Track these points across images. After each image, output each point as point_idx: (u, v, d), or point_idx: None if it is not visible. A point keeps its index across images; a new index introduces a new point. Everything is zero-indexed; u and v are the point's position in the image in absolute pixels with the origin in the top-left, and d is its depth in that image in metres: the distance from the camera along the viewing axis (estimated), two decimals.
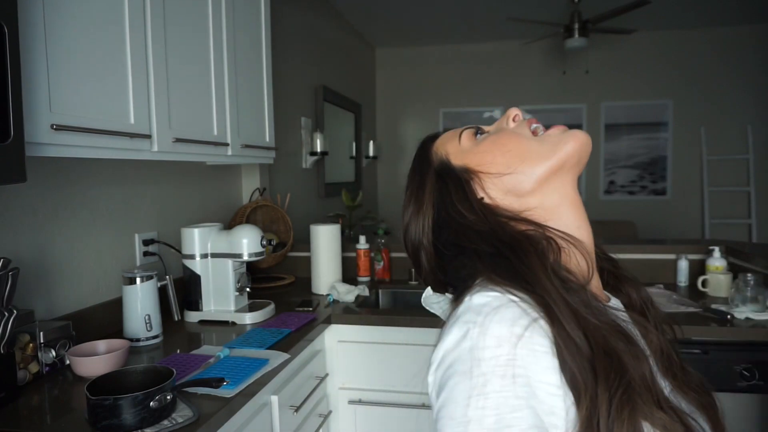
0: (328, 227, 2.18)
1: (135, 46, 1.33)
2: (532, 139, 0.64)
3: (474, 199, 0.64)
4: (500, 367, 0.47)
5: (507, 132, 0.66)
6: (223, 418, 1.11)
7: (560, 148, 0.62)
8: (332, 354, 1.84)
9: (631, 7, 3.63)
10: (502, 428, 0.45)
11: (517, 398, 0.46)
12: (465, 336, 0.49)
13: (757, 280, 1.76)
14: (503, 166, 0.63)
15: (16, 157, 0.93)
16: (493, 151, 0.64)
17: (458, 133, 0.70)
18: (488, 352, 0.47)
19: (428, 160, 0.71)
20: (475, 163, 0.65)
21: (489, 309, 0.50)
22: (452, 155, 0.68)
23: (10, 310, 1.08)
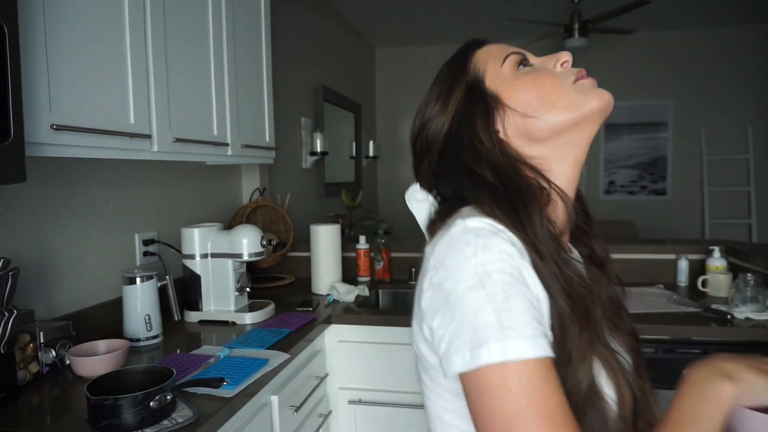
0: (328, 227, 2.18)
1: (135, 46, 1.33)
2: (570, 86, 0.65)
3: (493, 131, 0.66)
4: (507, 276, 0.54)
5: (550, 74, 0.66)
6: (223, 418, 1.11)
7: (589, 100, 0.64)
8: (332, 354, 1.84)
9: (631, 7, 3.63)
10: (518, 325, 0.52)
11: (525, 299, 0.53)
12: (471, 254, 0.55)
13: (757, 280, 1.76)
14: (531, 109, 0.64)
15: (16, 157, 0.93)
16: (529, 89, 0.65)
17: (504, 54, 0.69)
18: (493, 265, 0.54)
19: (465, 67, 0.70)
20: (507, 96, 0.66)
21: (487, 233, 0.56)
22: (489, 76, 0.68)
23: (10, 310, 1.08)
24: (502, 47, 0.71)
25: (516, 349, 0.51)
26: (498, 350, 0.51)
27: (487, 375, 0.51)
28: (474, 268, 0.54)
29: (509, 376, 0.50)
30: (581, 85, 0.65)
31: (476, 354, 0.51)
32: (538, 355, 0.51)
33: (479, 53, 0.71)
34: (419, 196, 0.74)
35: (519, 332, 0.51)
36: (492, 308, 0.52)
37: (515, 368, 0.51)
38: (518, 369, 0.51)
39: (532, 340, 0.51)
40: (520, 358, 0.51)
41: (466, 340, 0.52)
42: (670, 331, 1.65)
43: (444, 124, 0.69)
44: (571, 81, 0.65)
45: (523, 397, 0.50)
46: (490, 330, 0.51)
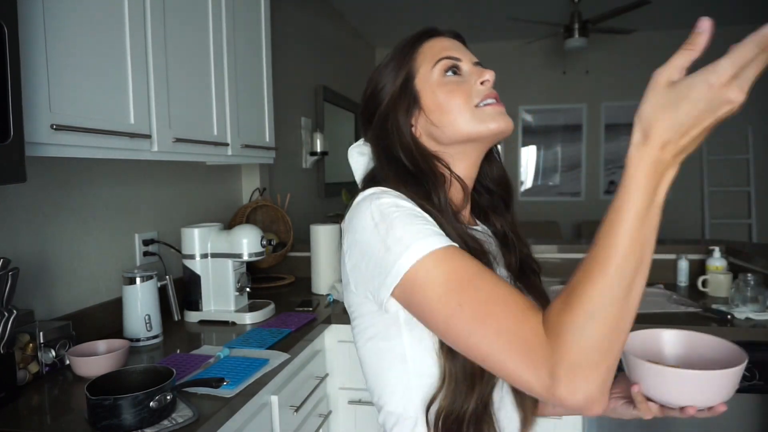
0: (328, 227, 2.18)
1: (135, 46, 1.33)
2: (470, 110, 0.75)
3: (408, 125, 0.78)
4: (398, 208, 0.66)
5: (463, 92, 0.76)
6: (223, 418, 1.11)
7: (484, 126, 0.75)
8: (332, 354, 1.84)
9: (631, 7, 3.63)
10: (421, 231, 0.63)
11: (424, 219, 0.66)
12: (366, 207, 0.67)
13: (757, 280, 1.76)
14: (437, 121, 0.77)
15: (16, 157, 0.93)
16: (443, 103, 0.76)
17: (437, 58, 0.78)
18: (386, 205, 0.66)
19: (411, 56, 0.80)
20: (424, 100, 0.77)
21: (380, 191, 0.69)
22: (420, 75, 0.78)
23: (10, 310, 1.08)
24: (442, 46, 0.79)
25: (420, 247, 0.62)
26: (413, 252, 0.61)
27: (411, 278, 0.62)
28: (368, 216, 0.66)
29: (427, 269, 0.61)
30: (483, 111, 0.75)
31: (396, 270, 0.62)
32: (443, 245, 0.62)
33: (426, 45, 0.80)
34: (364, 150, 0.85)
35: (420, 235, 0.63)
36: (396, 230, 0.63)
37: (430, 260, 0.61)
38: (433, 260, 0.61)
39: (434, 237, 0.63)
40: (429, 251, 0.61)
41: (385, 265, 0.63)
42: None
43: (383, 101, 0.80)
44: (476, 102, 0.75)
45: (445, 278, 0.60)
46: (401, 243, 0.62)
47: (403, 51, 0.81)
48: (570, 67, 5.06)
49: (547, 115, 5.27)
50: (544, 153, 5.35)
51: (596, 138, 5.17)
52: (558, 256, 2.36)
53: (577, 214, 5.19)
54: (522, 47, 4.97)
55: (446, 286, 0.60)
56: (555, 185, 5.32)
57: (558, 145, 5.28)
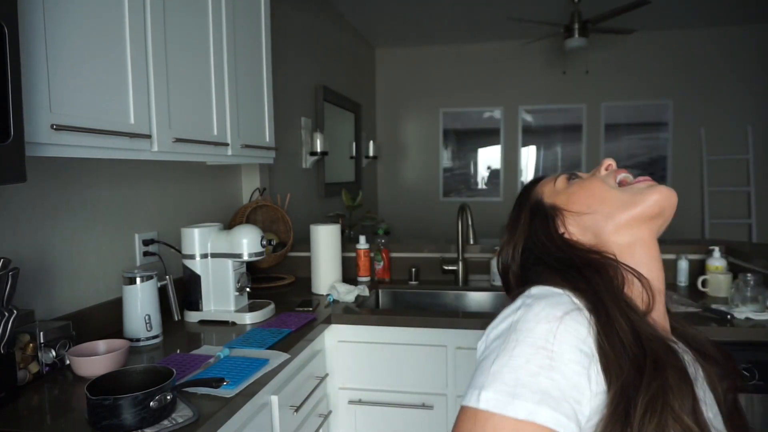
0: (328, 227, 2.18)
1: (135, 46, 1.33)
2: (615, 188, 0.73)
3: (555, 232, 0.75)
4: (531, 338, 0.54)
5: (594, 179, 0.76)
6: (223, 418, 1.11)
7: (641, 199, 0.69)
8: (332, 354, 1.84)
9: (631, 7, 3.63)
10: (517, 386, 0.51)
11: (539, 367, 0.52)
12: (515, 312, 0.58)
13: (757, 280, 1.76)
14: (584, 206, 0.73)
15: (16, 157, 0.93)
16: (579, 192, 0.75)
17: (555, 177, 0.81)
18: (527, 325, 0.55)
19: (528, 198, 0.83)
20: (561, 202, 0.76)
21: (540, 296, 0.58)
22: (546, 195, 0.80)
23: (10, 310, 1.08)
24: (555, 176, 0.83)
25: (507, 405, 0.51)
26: (489, 399, 0.51)
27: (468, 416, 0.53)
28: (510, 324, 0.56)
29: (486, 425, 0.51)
30: (633, 187, 0.72)
31: (467, 393, 0.54)
32: (524, 418, 0.50)
33: (538, 185, 0.83)
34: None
35: (516, 391, 0.51)
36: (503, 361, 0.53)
37: (494, 420, 0.51)
38: (496, 422, 0.50)
39: (523, 403, 0.50)
40: (503, 413, 0.50)
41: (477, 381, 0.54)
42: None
43: (517, 247, 0.79)
44: (613, 183, 0.73)
45: None
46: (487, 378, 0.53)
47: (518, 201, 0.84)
48: (570, 67, 5.05)
49: (547, 115, 5.27)
50: (544, 153, 5.35)
51: (596, 138, 5.17)
52: None
53: None
54: (522, 47, 4.97)
55: None
56: None
57: (558, 145, 5.28)
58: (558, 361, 0.52)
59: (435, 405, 1.77)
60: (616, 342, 0.55)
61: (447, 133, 5.44)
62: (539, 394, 0.50)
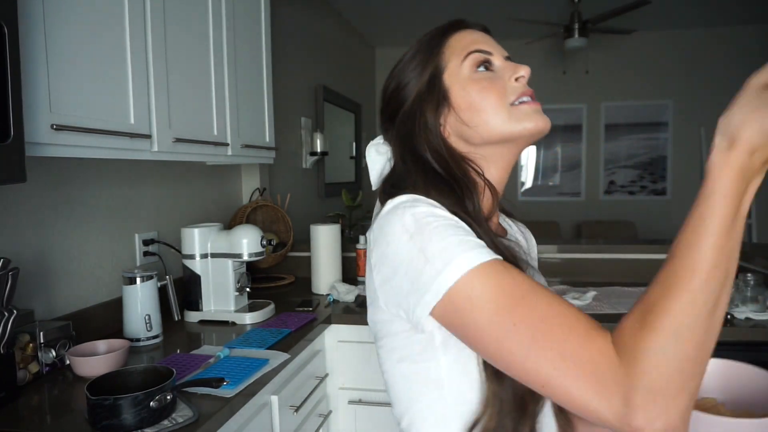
0: (328, 227, 2.18)
1: (135, 46, 1.33)
2: (506, 109, 0.70)
3: (437, 124, 0.73)
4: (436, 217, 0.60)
5: (497, 87, 0.71)
6: (223, 418, 1.11)
7: (521, 125, 0.70)
8: (332, 354, 1.84)
9: (631, 7, 3.63)
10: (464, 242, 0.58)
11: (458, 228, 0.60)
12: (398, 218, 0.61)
13: (757, 280, 1.76)
14: (471, 119, 0.71)
15: (16, 157, 0.93)
16: (475, 98, 0.71)
17: (467, 51, 0.73)
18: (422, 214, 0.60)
19: (438, 49, 0.74)
20: (454, 97, 0.72)
21: (411, 200, 0.63)
22: (449, 69, 0.73)
23: (10, 310, 1.08)
24: (472, 39, 0.74)
25: (465, 261, 0.56)
26: (455, 267, 0.56)
27: (455, 296, 0.56)
28: (401, 227, 0.60)
29: (473, 285, 0.55)
30: (519, 110, 0.70)
31: (436, 286, 0.56)
32: (490, 258, 0.57)
33: (454, 38, 0.75)
34: (382, 149, 0.81)
35: (460, 249, 0.57)
36: (436, 241, 0.58)
37: (477, 275, 0.55)
38: (480, 275, 0.55)
39: (478, 250, 0.57)
40: (475, 264, 0.56)
41: (423, 281, 0.58)
42: None
43: (408, 98, 0.74)
44: (512, 101, 0.70)
45: (495, 295, 0.55)
46: (444, 255, 0.57)
47: (429, 44, 0.75)
48: (570, 67, 5.05)
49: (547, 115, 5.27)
50: (544, 153, 5.35)
51: (596, 138, 5.17)
52: (558, 256, 2.36)
53: (577, 214, 5.19)
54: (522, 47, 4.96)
55: (497, 303, 0.54)
56: (555, 185, 5.32)
57: (558, 145, 5.28)
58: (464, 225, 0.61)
59: None
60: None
61: None
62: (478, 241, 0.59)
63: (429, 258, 0.57)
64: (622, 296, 1.98)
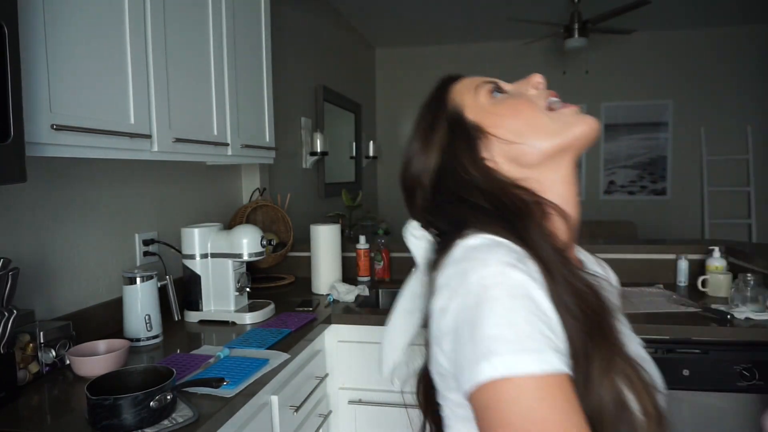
0: (328, 227, 2.18)
1: (135, 47, 1.33)
2: (545, 114, 0.65)
3: (479, 158, 0.66)
4: (507, 289, 0.50)
5: (524, 100, 0.66)
6: (223, 418, 1.11)
7: (570, 129, 0.64)
8: (332, 354, 1.84)
9: (631, 7, 3.63)
10: (522, 339, 0.48)
11: (529, 313, 0.49)
12: (467, 273, 0.52)
13: (757, 280, 1.76)
14: (514, 135, 0.64)
15: (16, 157, 0.93)
16: (508, 117, 0.65)
17: (476, 85, 0.69)
18: (492, 279, 0.51)
19: (443, 103, 0.70)
20: (487, 124, 0.66)
21: (485, 248, 0.54)
22: (467, 108, 0.68)
23: (10, 310, 1.08)
24: (473, 79, 0.71)
25: (517, 363, 0.47)
26: (499, 365, 0.47)
27: (488, 392, 0.48)
28: (474, 286, 0.51)
29: (510, 393, 0.47)
30: (561, 113, 0.65)
31: (475, 371, 0.48)
32: (543, 371, 0.47)
33: (454, 88, 0.71)
34: (417, 233, 0.72)
35: (522, 346, 0.47)
36: (492, 323, 0.49)
37: (517, 384, 0.47)
38: (520, 385, 0.47)
39: (537, 355, 0.47)
40: (522, 374, 0.47)
41: (469, 359, 0.50)
42: (671, 331, 1.65)
43: (430, 161, 0.69)
44: (542, 105, 0.66)
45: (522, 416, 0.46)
46: (491, 345, 0.48)
47: (431, 102, 0.71)
48: (570, 67, 5.05)
49: None
50: None
51: None
52: None
53: None
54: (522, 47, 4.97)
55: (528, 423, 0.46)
56: None
57: None
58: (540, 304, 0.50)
59: None
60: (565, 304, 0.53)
61: None
62: (545, 339, 0.48)
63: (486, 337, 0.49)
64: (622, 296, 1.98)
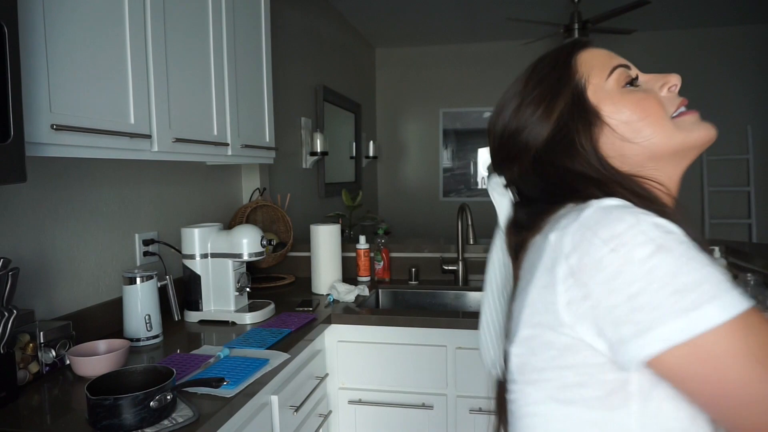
0: (328, 227, 2.18)
1: (135, 47, 1.33)
2: (670, 120, 0.63)
3: (594, 142, 0.64)
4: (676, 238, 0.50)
5: (655, 99, 0.64)
6: (223, 418, 1.11)
7: (690, 136, 0.63)
8: (332, 354, 1.84)
9: (631, 7, 3.63)
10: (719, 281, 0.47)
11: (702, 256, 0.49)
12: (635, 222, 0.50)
13: (757, 280, 1.76)
14: (632, 133, 0.63)
15: (16, 157, 0.93)
16: (633, 113, 0.63)
17: (611, 65, 0.66)
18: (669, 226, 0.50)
19: (569, 70, 0.66)
20: (608, 113, 0.64)
21: (626, 208, 0.52)
22: (591, 86, 0.65)
23: (10, 310, 1.08)
24: (608, 55, 0.67)
25: (733, 304, 0.46)
26: (718, 309, 0.46)
27: (711, 341, 0.46)
28: (646, 234, 0.49)
29: (737, 334, 0.46)
30: (683, 121, 0.63)
31: (692, 319, 0.46)
32: (747, 307, 0.47)
33: (583, 56, 0.67)
34: (501, 190, 0.72)
35: (720, 289, 0.47)
36: (691, 267, 0.48)
37: (739, 324, 0.46)
38: (741, 324, 0.46)
39: (732, 293, 0.47)
40: (739, 312, 0.46)
41: (671, 310, 0.47)
42: None
43: (544, 132, 0.66)
44: (672, 112, 0.64)
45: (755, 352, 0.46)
46: (701, 290, 0.47)
47: (557, 63, 0.67)
48: None
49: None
50: None
51: None
52: None
53: None
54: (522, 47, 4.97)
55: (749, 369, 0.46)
56: None
57: None
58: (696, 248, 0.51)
59: (435, 405, 1.77)
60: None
61: (447, 133, 5.44)
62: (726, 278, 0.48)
63: (679, 288, 0.47)
64: None
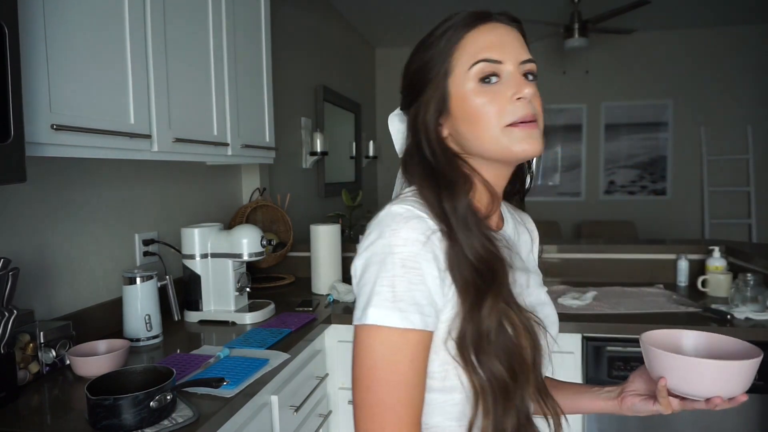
0: (328, 227, 2.18)
1: (135, 46, 1.33)
2: (501, 130, 0.71)
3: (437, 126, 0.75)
4: (402, 260, 0.64)
5: (494, 106, 0.71)
6: (223, 418, 1.11)
7: (507, 149, 0.71)
8: (332, 354, 1.84)
9: (631, 7, 3.63)
10: (396, 301, 0.63)
11: (410, 283, 0.64)
12: (381, 236, 0.66)
13: (757, 280, 1.76)
14: (464, 131, 0.73)
15: (16, 157, 0.93)
16: (469, 118, 0.72)
17: (475, 59, 0.72)
18: (397, 249, 0.65)
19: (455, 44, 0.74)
20: (454, 106, 0.73)
21: (401, 218, 0.67)
22: (454, 76, 0.73)
23: (10, 310, 1.08)
24: (488, 41, 0.72)
25: (388, 317, 0.63)
26: (375, 315, 0.63)
27: (363, 331, 0.66)
28: (380, 248, 0.66)
29: (377, 337, 0.64)
30: (513, 132, 0.70)
31: (363, 314, 0.65)
32: (405, 327, 0.63)
33: (471, 36, 0.73)
34: (403, 119, 0.83)
35: (396, 305, 0.63)
36: (383, 282, 0.64)
37: (383, 332, 0.63)
38: (384, 333, 0.63)
39: (404, 314, 0.63)
40: (389, 325, 0.63)
41: (362, 302, 0.66)
42: None
43: (426, 86, 0.76)
44: (508, 122, 0.70)
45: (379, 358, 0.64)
46: (376, 298, 0.64)
47: (451, 37, 0.74)
48: (570, 67, 5.05)
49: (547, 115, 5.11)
50: (543, 153, 5.34)
51: (596, 138, 5.17)
52: (558, 256, 2.36)
53: (577, 214, 5.19)
54: None
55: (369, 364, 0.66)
56: (555, 185, 5.31)
57: (558, 145, 5.27)
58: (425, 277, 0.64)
59: None
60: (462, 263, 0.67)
61: None
62: (413, 305, 0.63)
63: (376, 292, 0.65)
64: (622, 296, 1.98)
